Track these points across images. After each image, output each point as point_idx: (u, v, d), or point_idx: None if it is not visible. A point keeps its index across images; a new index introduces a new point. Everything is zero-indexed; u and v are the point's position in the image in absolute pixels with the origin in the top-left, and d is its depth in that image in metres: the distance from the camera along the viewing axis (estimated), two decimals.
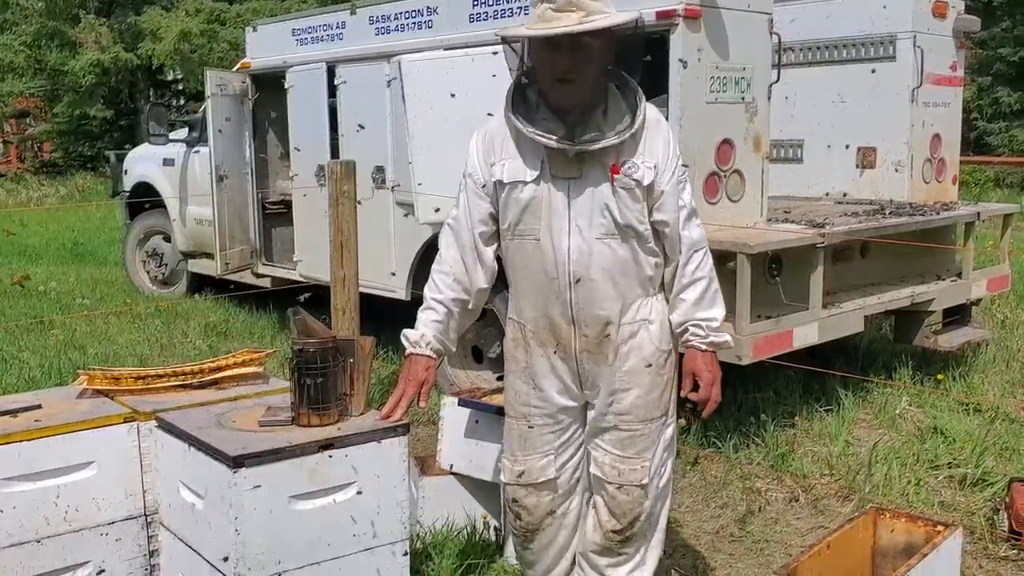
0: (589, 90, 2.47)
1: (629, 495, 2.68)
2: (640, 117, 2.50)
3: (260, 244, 7.01)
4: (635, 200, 2.51)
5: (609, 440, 2.68)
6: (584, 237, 2.52)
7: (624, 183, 2.50)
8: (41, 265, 10.70)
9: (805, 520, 3.91)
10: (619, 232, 2.52)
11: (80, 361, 5.80)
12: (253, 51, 6.83)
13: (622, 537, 2.73)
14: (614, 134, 2.47)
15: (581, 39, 2.39)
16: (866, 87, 5.82)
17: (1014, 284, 6.50)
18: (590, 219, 2.51)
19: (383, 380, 5.36)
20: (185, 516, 2.63)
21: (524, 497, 2.77)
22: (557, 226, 2.53)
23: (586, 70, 2.44)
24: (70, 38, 20.62)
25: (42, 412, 2.76)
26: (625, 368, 2.62)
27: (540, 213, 2.54)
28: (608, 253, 2.53)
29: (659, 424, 2.70)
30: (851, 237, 4.76)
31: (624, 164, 2.50)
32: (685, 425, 4.55)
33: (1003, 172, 16.57)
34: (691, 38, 4.16)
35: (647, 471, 2.67)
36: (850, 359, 5.73)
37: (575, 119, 2.47)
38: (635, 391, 2.63)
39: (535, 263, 2.58)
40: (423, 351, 2.67)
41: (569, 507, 2.80)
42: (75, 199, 19.34)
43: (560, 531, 2.81)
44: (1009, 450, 4.41)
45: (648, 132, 2.54)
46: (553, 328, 2.63)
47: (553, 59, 2.43)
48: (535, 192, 2.53)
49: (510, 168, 2.56)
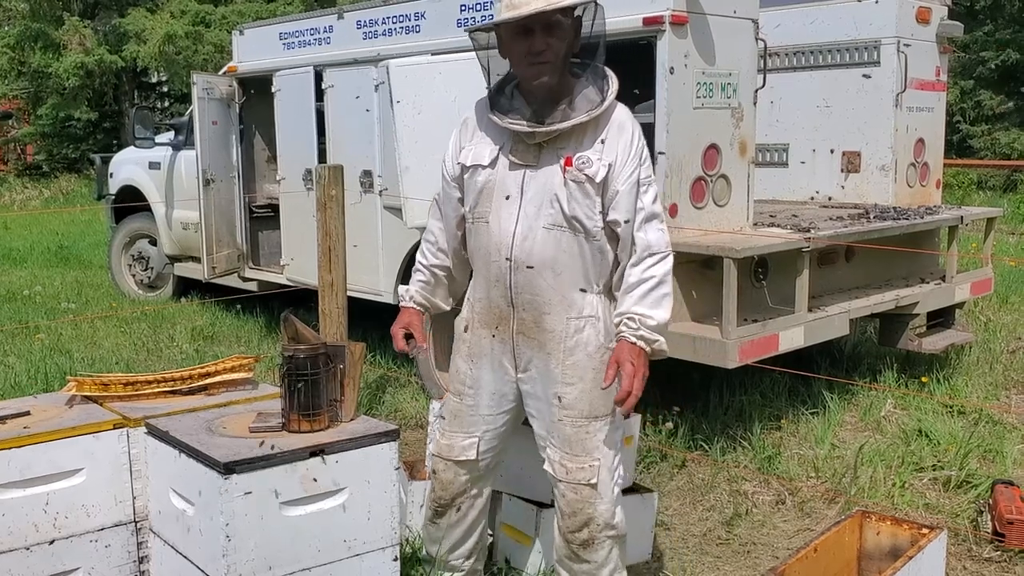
0: (560, 70, 2.55)
1: (578, 494, 2.71)
2: (607, 102, 2.56)
3: (247, 248, 7.00)
4: (585, 195, 2.57)
5: (558, 438, 2.72)
6: (531, 225, 2.59)
7: (575, 176, 2.56)
8: (25, 269, 10.64)
9: (792, 523, 3.93)
10: (566, 224, 2.58)
11: (66, 366, 5.78)
12: (240, 54, 6.82)
13: (579, 541, 2.74)
14: (584, 113, 2.54)
15: (551, 17, 2.48)
16: (851, 92, 5.86)
17: (997, 287, 6.56)
18: (539, 207, 2.59)
19: (371, 384, 5.36)
20: (175, 523, 2.63)
21: (443, 471, 2.88)
22: (507, 211, 2.62)
23: (557, 50, 2.52)
24: (54, 40, 20.47)
25: (31, 419, 2.76)
26: (570, 362, 2.66)
27: (492, 197, 2.64)
28: (552, 243, 2.59)
29: (606, 422, 2.71)
30: (836, 241, 4.80)
31: (579, 158, 2.56)
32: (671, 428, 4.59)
33: (985, 175, 16.69)
34: (677, 44, 4.19)
35: (595, 471, 2.69)
36: (835, 362, 5.77)
37: (545, 104, 2.56)
38: (580, 385, 2.67)
39: (485, 246, 2.68)
40: (407, 304, 2.90)
41: (482, 491, 2.93)
42: (59, 202, 19.23)
43: (470, 512, 2.93)
44: (992, 452, 4.46)
45: (611, 131, 2.60)
46: (495, 310, 2.72)
47: (526, 43, 2.52)
48: (490, 176, 2.65)
49: (474, 153, 2.69)
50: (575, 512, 2.72)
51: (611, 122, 2.60)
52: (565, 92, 2.58)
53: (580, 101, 2.57)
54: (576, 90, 2.59)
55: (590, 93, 2.58)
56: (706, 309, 4.40)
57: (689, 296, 4.38)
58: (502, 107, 2.63)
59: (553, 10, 2.47)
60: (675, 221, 4.27)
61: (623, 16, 4.25)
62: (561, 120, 2.55)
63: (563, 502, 2.74)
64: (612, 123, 2.60)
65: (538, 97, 2.57)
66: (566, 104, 2.57)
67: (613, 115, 2.61)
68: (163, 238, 8.09)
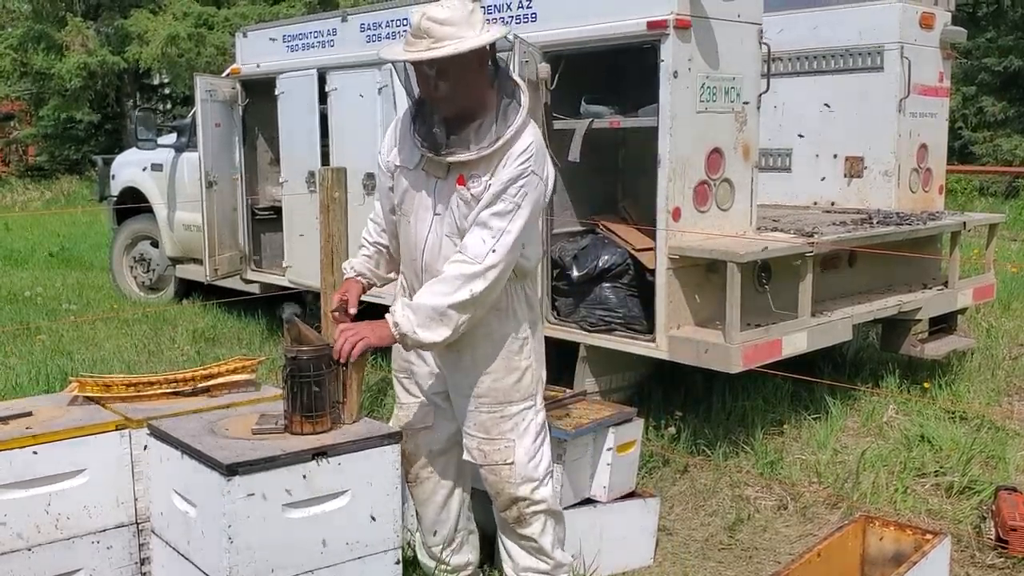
0: (461, 105, 2.67)
1: (497, 475, 2.89)
2: (500, 142, 2.65)
3: (249, 250, 7.00)
4: (471, 210, 2.72)
5: (473, 425, 2.89)
6: (437, 232, 2.78)
7: (463, 195, 2.72)
8: (26, 270, 10.63)
9: (794, 528, 3.93)
10: (459, 234, 2.75)
11: (67, 367, 5.77)
12: (243, 57, 6.82)
13: (512, 519, 2.94)
14: (475, 150, 2.67)
15: (434, 63, 2.58)
16: (854, 97, 5.86)
17: (999, 293, 6.55)
18: (443, 217, 2.77)
19: (372, 387, 5.36)
20: (177, 524, 2.63)
21: (404, 443, 2.94)
22: (421, 215, 2.80)
23: (449, 88, 2.63)
24: (56, 41, 20.49)
25: (33, 419, 2.76)
26: (480, 353, 2.83)
27: (414, 199, 2.81)
28: (451, 249, 2.75)
29: (522, 408, 2.88)
30: (839, 246, 4.79)
31: (470, 178, 2.71)
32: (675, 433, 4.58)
33: (987, 181, 16.69)
34: (681, 48, 4.18)
35: (511, 451, 2.87)
36: (838, 367, 5.76)
37: (452, 128, 2.70)
38: (491, 375, 2.84)
39: (407, 242, 2.88)
40: (349, 274, 3.04)
41: (444, 462, 3.07)
42: (60, 203, 19.23)
43: (438, 488, 3.08)
44: (995, 458, 4.45)
45: (508, 159, 2.68)
46: None
47: (420, 79, 2.69)
48: (413, 179, 2.81)
49: (403, 155, 2.84)
50: (498, 493, 2.91)
51: (510, 153, 2.67)
52: (474, 117, 2.68)
53: (484, 130, 2.67)
54: (485, 117, 2.67)
55: (495, 125, 2.67)
56: (709, 313, 4.40)
57: (692, 300, 4.38)
58: (418, 126, 2.77)
59: (424, 61, 2.58)
60: (678, 225, 4.27)
61: (627, 20, 4.25)
62: (457, 151, 2.68)
63: (486, 485, 2.94)
64: (514, 151, 2.67)
65: (445, 120, 2.70)
66: (472, 130, 2.67)
67: (515, 145, 2.68)
68: (165, 240, 8.09)
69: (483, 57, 2.65)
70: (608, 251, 4.59)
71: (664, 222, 4.26)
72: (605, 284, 4.52)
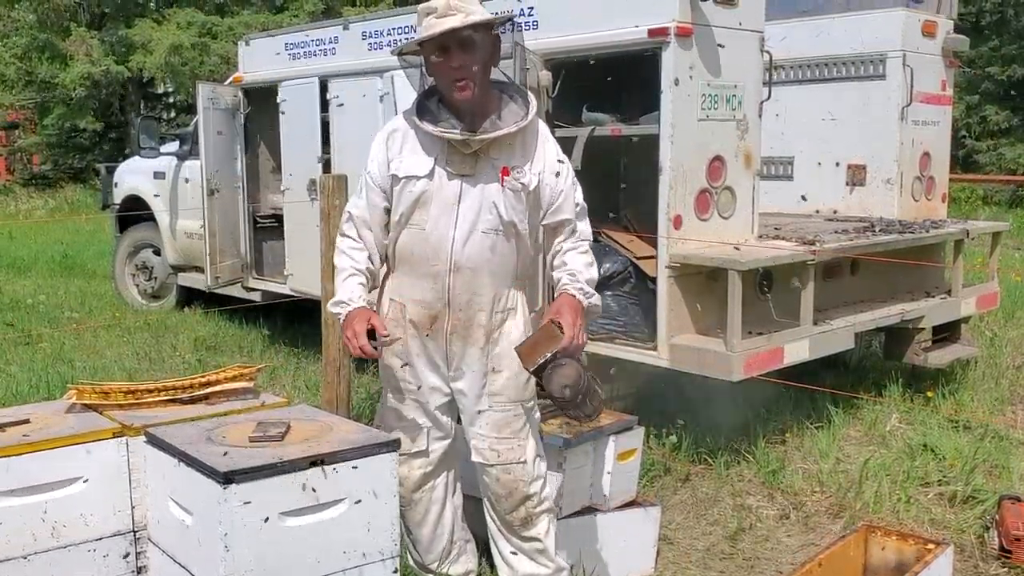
0: (482, 86, 2.73)
1: (511, 474, 2.92)
2: (531, 115, 2.77)
3: (251, 258, 7.00)
4: (519, 201, 2.79)
5: (485, 424, 2.91)
6: (469, 230, 2.78)
7: (512, 185, 2.78)
8: (30, 278, 10.64)
9: (796, 537, 3.90)
10: (503, 228, 2.79)
11: (68, 375, 5.77)
12: (246, 65, 6.82)
13: (519, 520, 2.95)
14: (513, 124, 2.75)
15: (466, 35, 2.67)
16: (856, 105, 5.85)
17: (1003, 302, 6.53)
18: (478, 214, 2.78)
19: (372, 395, 5.34)
20: (174, 532, 2.61)
21: (398, 467, 2.88)
22: (445, 218, 2.78)
23: (476, 65, 2.70)
24: (61, 50, 20.56)
25: (31, 427, 2.74)
26: (496, 352, 2.87)
27: (430, 206, 2.79)
28: (488, 246, 2.79)
29: (529, 408, 2.96)
30: (842, 254, 4.78)
31: (513, 168, 2.78)
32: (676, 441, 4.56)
33: (991, 190, 16.68)
34: (683, 56, 4.18)
35: (524, 450, 2.92)
36: (840, 376, 5.74)
37: (473, 117, 2.73)
38: (506, 372, 2.87)
39: (420, 251, 2.84)
40: (359, 304, 2.82)
41: (436, 482, 3.06)
42: (64, 211, 19.26)
43: (431, 507, 3.07)
44: (999, 467, 4.42)
45: (537, 143, 2.83)
46: (429, 311, 2.87)
47: (447, 60, 2.69)
48: (427, 186, 2.79)
49: (406, 165, 2.82)
50: (511, 492, 2.92)
51: (536, 135, 2.84)
52: (491, 106, 2.77)
53: (507, 114, 2.78)
54: (501, 105, 2.79)
55: (515, 107, 2.80)
56: (711, 321, 4.38)
57: (694, 308, 4.36)
58: (432, 118, 2.78)
59: (464, 27, 2.65)
60: (679, 233, 4.26)
61: (628, 27, 4.25)
62: (492, 130, 2.73)
63: (497, 486, 2.94)
64: (537, 136, 2.84)
65: (464, 111, 2.74)
66: (494, 116, 2.76)
67: (538, 129, 2.85)
68: (167, 248, 8.10)
69: (498, 40, 2.78)
70: (610, 259, 4.59)
71: (665, 230, 4.25)
72: (607, 292, 4.51)
